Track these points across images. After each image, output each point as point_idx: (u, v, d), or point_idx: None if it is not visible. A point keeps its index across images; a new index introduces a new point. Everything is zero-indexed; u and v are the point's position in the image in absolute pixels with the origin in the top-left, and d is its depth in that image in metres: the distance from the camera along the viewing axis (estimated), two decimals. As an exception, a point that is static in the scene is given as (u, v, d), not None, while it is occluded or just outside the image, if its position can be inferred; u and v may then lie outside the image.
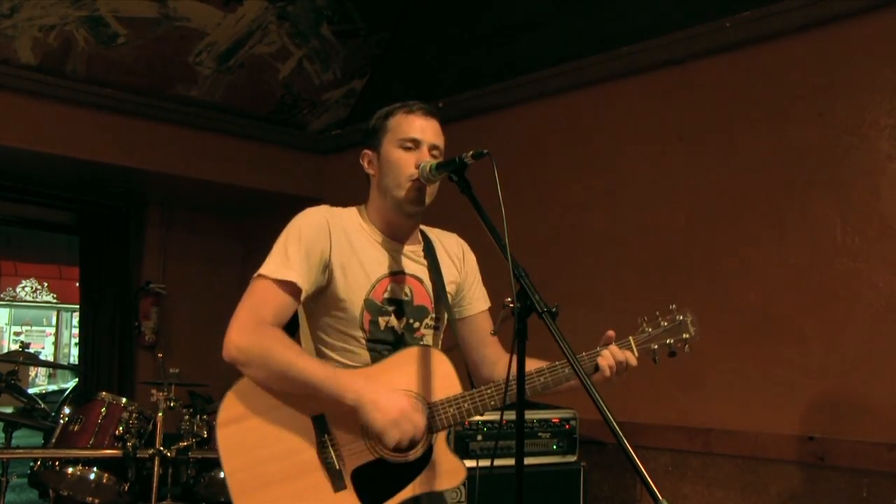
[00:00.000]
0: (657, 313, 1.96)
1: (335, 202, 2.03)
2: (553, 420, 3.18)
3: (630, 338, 1.92)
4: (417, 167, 1.85)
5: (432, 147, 1.90)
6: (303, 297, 1.82)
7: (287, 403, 1.77)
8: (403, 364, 1.83)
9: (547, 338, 1.57)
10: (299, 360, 1.74)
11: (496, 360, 2.03)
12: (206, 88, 4.97)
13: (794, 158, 3.30)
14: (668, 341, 1.93)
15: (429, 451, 1.80)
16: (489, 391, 1.81)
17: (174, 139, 5.01)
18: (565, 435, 3.19)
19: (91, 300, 5.77)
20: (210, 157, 5.17)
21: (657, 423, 3.56)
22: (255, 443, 1.75)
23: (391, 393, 1.73)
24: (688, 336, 1.95)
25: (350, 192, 2.10)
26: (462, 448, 3.00)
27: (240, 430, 1.76)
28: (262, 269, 1.81)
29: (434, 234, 2.06)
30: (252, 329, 1.75)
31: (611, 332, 1.88)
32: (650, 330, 1.93)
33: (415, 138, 1.88)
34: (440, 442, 1.81)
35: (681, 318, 1.95)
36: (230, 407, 1.78)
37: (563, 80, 4.13)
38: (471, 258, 2.09)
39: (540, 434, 3.15)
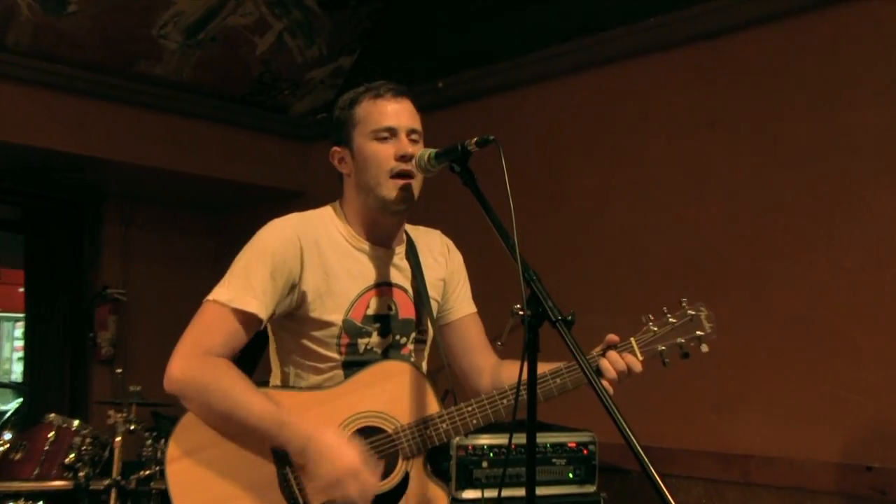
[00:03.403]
0: (665, 309, 1.92)
1: (320, 195, 2.05)
2: (569, 444, 3.18)
3: (632, 339, 1.89)
4: (399, 158, 1.87)
5: (410, 132, 1.91)
6: (263, 325, 1.86)
7: (244, 433, 1.80)
8: (373, 382, 1.85)
9: (561, 348, 1.58)
10: (243, 399, 1.75)
11: (488, 368, 2.04)
12: (172, 65, 4.98)
13: (846, 145, 3.30)
14: (678, 340, 1.89)
15: (405, 480, 1.82)
16: (470, 409, 1.83)
17: (135, 123, 5.01)
18: (583, 461, 3.19)
19: (38, 308, 5.77)
20: (177, 145, 5.17)
21: (688, 448, 3.56)
22: (210, 479, 1.77)
23: (343, 446, 1.73)
24: (702, 333, 1.90)
25: (336, 184, 2.11)
26: (465, 476, 3.00)
27: (192, 465, 1.79)
28: (217, 294, 1.84)
29: (415, 232, 2.07)
30: (194, 359, 1.78)
31: (612, 336, 1.87)
32: (656, 329, 1.89)
33: (390, 126, 1.89)
34: (417, 469, 1.83)
35: (693, 312, 1.91)
36: (180, 439, 1.81)
37: (580, 56, 4.14)
38: (457, 256, 2.11)
39: (554, 460, 3.15)
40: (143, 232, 6.09)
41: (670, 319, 1.90)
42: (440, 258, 2.07)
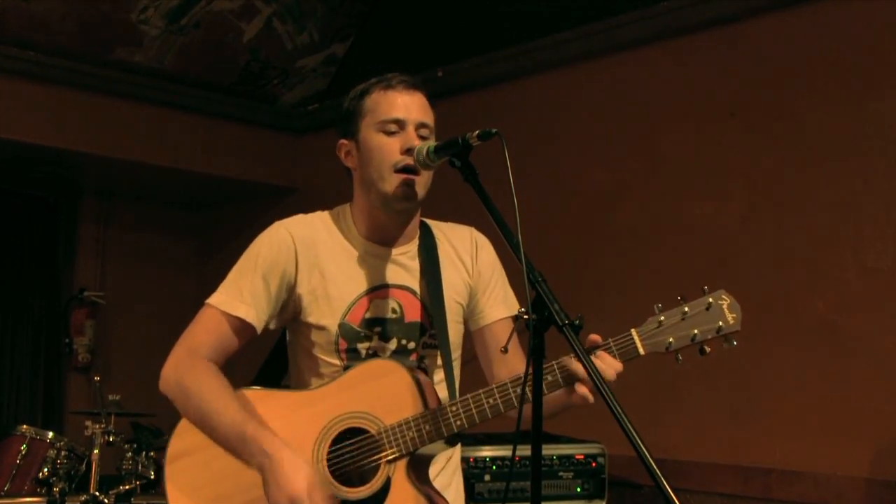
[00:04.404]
0: (680, 298, 1.79)
1: (311, 191, 2.07)
2: (577, 457, 3.19)
3: (632, 330, 1.80)
4: (405, 152, 1.88)
5: (420, 126, 1.93)
6: (259, 330, 1.93)
7: (216, 439, 1.88)
8: (360, 382, 1.88)
9: (568, 354, 1.58)
10: (216, 406, 1.84)
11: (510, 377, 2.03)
12: (152, 53, 4.98)
13: (875, 137, 3.31)
14: (692, 332, 1.76)
15: (387, 486, 1.84)
16: (454, 408, 1.83)
17: (113, 114, 5.02)
18: (591, 475, 3.20)
19: (8, 312, 5.77)
20: (158, 137, 5.18)
21: (704, 461, 3.56)
22: (203, 480, 1.88)
23: (294, 471, 1.77)
24: (724, 325, 1.77)
25: (330, 179, 2.13)
26: (466, 490, 3.00)
27: (187, 465, 1.89)
28: (212, 298, 1.94)
29: (440, 228, 2.08)
30: (182, 361, 1.90)
31: (594, 337, 1.78)
32: (663, 318, 1.79)
33: (398, 118, 1.91)
34: (399, 473, 1.85)
35: (711, 300, 1.79)
36: (179, 439, 1.91)
37: (589, 43, 4.14)
38: (487, 255, 2.09)
39: (561, 474, 3.16)
40: (121, 231, 6.09)
41: (683, 308, 1.78)
42: (465, 257, 2.06)
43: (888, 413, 3.18)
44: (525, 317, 1.58)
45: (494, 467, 3.07)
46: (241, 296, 1.90)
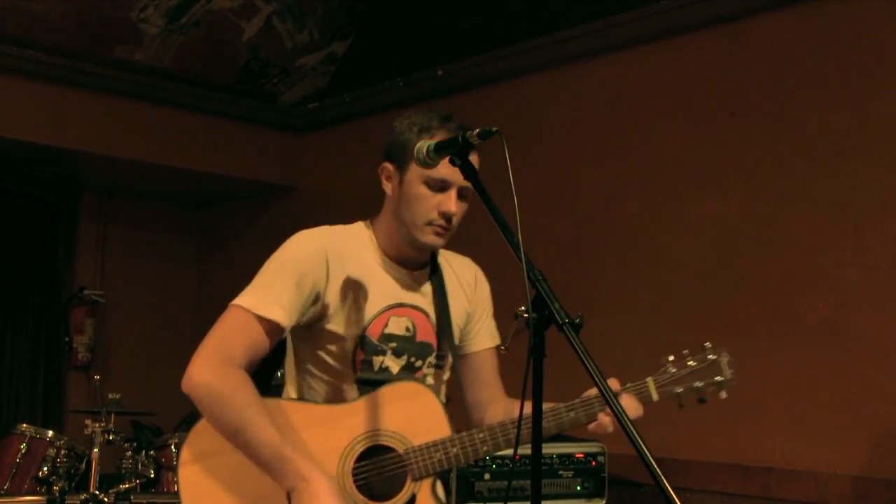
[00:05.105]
0: (685, 352, 2.06)
1: (311, 189, 2.08)
2: (577, 455, 3.20)
3: (649, 378, 2.02)
4: (440, 214, 1.95)
5: (463, 189, 1.96)
6: (284, 335, 1.98)
7: (247, 452, 1.89)
8: (389, 401, 1.95)
9: (568, 355, 1.58)
10: (254, 421, 1.85)
11: (491, 402, 2.16)
12: (152, 51, 4.98)
13: (876, 137, 3.31)
14: (696, 384, 2.03)
15: (411, 502, 1.91)
16: (482, 435, 1.93)
17: (113, 113, 5.02)
18: (591, 474, 3.21)
19: (8, 310, 5.77)
20: (158, 136, 5.18)
21: (704, 459, 3.57)
22: (220, 486, 1.89)
23: (328, 498, 1.80)
24: (721, 379, 2.05)
25: (329, 178, 2.14)
26: (466, 489, 3.01)
27: (203, 470, 1.90)
28: (243, 300, 1.94)
29: (444, 256, 2.17)
30: (216, 366, 1.89)
31: (614, 381, 1.95)
32: (674, 370, 2.03)
33: (444, 180, 1.94)
34: (424, 491, 1.92)
35: (713, 357, 2.05)
36: (195, 442, 1.93)
37: (589, 42, 4.14)
38: (483, 288, 2.21)
39: (561, 473, 3.17)
40: (121, 229, 6.09)
41: (689, 362, 2.04)
42: (466, 288, 2.17)
43: (888, 412, 3.18)
44: (525, 315, 1.59)
45: (494, 466, 3.07)
46: (277, 299, 1.91)
